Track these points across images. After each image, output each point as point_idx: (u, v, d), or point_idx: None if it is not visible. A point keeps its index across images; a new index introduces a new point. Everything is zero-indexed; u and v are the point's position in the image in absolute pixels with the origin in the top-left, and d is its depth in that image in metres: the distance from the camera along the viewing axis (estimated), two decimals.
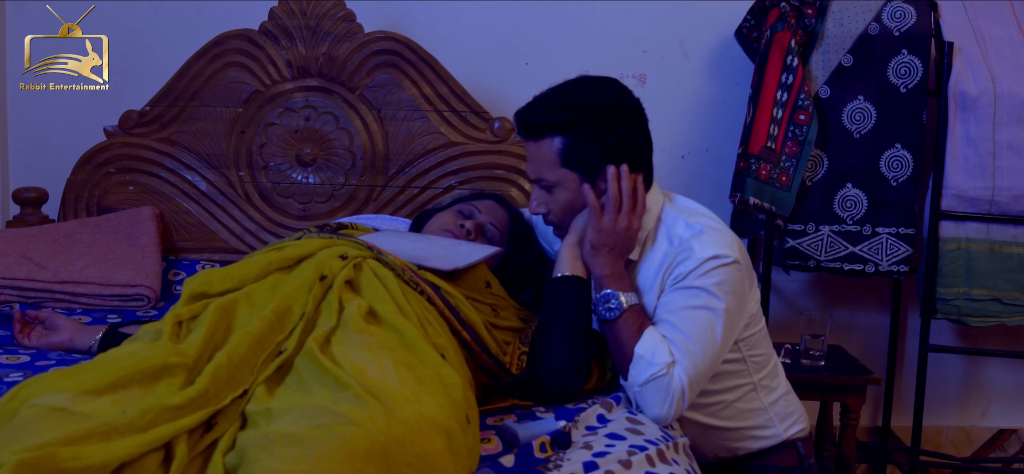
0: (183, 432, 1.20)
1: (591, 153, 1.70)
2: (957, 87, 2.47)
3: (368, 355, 1.36)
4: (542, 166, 1.74)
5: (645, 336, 1.63)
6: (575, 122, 1.69)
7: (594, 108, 1.68)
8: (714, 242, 1.67)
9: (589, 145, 1.69)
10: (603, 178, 1.71)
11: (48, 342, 1.87)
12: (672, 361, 1.62)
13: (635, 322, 1.65)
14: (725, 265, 1.65)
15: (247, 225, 2.62)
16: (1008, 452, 3.05)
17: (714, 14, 2.79)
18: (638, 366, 1.63)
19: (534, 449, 1.42)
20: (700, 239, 1.68)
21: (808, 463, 1.88)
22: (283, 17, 2.55)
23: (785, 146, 2.48)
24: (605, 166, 1.70)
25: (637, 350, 1.63)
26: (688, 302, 1.66)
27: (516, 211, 2.12)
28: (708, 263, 1.65)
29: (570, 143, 1.70)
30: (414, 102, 2.59)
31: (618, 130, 1.70)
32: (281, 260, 1.64)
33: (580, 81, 1.74)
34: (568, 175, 1.73)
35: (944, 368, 2.97)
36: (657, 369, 1.61)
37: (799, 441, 1.88)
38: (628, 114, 1.71)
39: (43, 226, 2.49)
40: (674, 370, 1.61)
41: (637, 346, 1.63)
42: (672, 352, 1.63)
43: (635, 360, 1.63)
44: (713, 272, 1.65)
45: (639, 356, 1.63)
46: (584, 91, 1.70)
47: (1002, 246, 2.52)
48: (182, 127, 2.59)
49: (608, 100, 1.69)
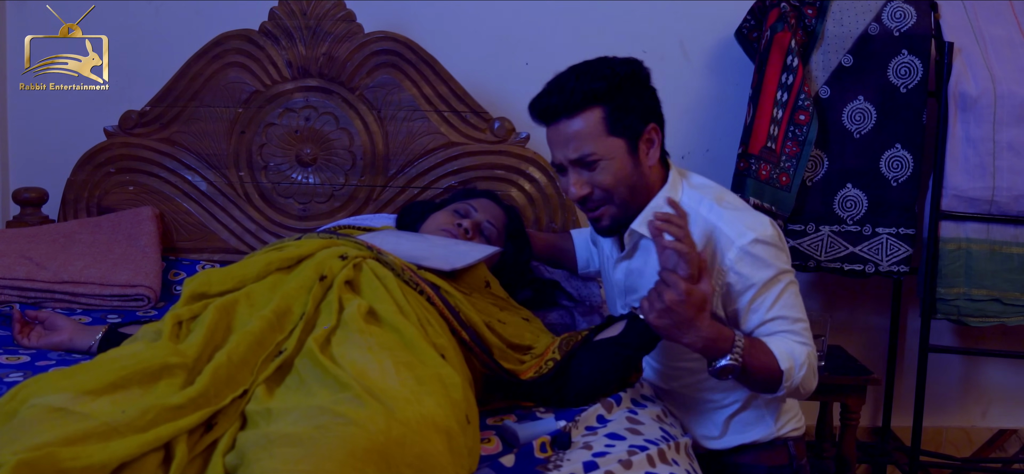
0: (183, 432, 1.20)
1: (633, 117, 1.71)
2: (957, 87, 2.47)
3: (368, 355, 1.36)
4: (585, 141, 1.70)
5: (776, 352, 1.65)
6: (614, 88, 1.69)
7: (627, 74, 1.71)
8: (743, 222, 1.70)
9: (631, 110, 1.71)
10: (644, 139, 1.73)
11: (48, 342, 1.87)
12: (807, 349, 1.68)
13: (757, 354, 1.65)
14: (765, 242, 1.68)
15: (247, 225, 2.61)
16: (1008, 452, 3.05)
17: (714, 14, 2.79)
18: (791, 377, 1.66)
19: (534, 449, 1.42)
20: (730, 223, 1.70)
21: (797, 464, 1.87)
22: (283, 17, 2.55)
23: (785, 146, 2.48)
24: (644, 128, 1.72)
25: (783, 366, 1.65)
26: (773, 294, 1.68)
27: (511, 208, 2.12)
28: (755, 246, 1.67)
29: (613, 110, 1.70)
30: (414, 102, 2.59)
31: (646, 93, 1.75)
32: (281, 260, 1.64)
33: (589, 61, 1.75)
34: (616, 143, 1.71)
35: (944, 368, 2.97)
36: (803, 362, 1.66)
37: (790, 441, 1.87)
38: (645, 78, 1.76)
39: (43, 226, 2.49)
40: (811, 354, 1.69)
41: (780, 363, 1.65)
42: (799, 341, 1.68)
43: (785, 375, 1.65)
44: (763, 254, 1.68)
45: (786, 370, 1.65)
46: (605, 64, 1.72)
47: (1002, 246, 2.52)
48: (182, 127, 2.59)
49: (630, 67, 1.73)
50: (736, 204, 1.77)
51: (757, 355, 1.63)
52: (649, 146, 1.74)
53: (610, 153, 1.71)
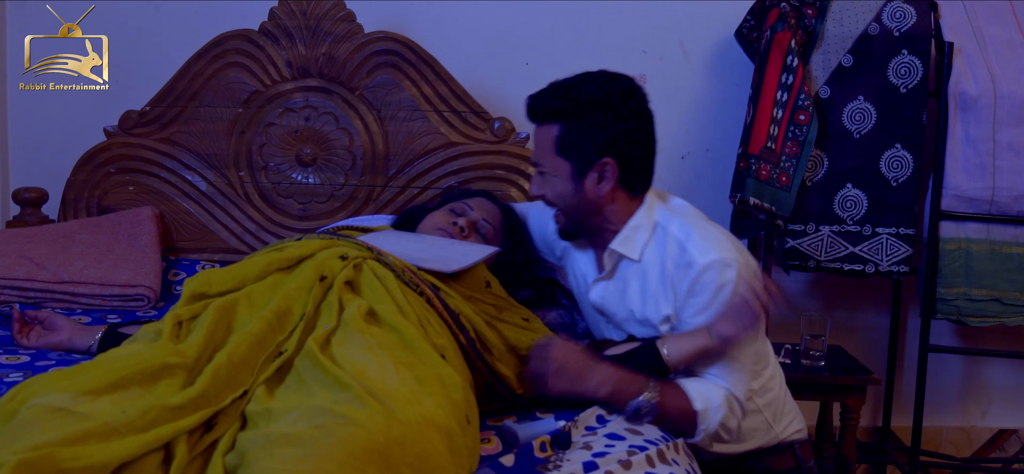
0: (183, 432, 1.20)
1: (586, 145, 1.71)
2: (957, 87, 2.47)
3: (368, 355, 1.36)
4: (538, 150, 1.79)
5: (691, 393, 1.64)
6: (573, 111, 1.70)
7: (594, 100, 1.69)
8: (709, 244, 1.68)
9: (584, 136, 1.70)
10: (595, 171, 1.71)
11: (46, 342, 1.87)
12: (726, 390, 1.65)
13: (673, 397, 1.63)
14: (728, 269, 1.65)
15: (247, 225, 2.61)
16: (1008, 452, 3.05)
17: (714, 14, 2.79)
18: (706, 420, 1.64)
19: (534, 449, 1.42)
20: (694, 241, 1.68)
21: (805, 466, 1.88)
22: (283, 17, 2.55)
23: (785, 146, 2.48)
24: (598, 160, 1.70)
25: (696, 407, 1.64)
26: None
27: (508, 206, 2.12)
28: (709, 271, 1.65)
29: (566, 132, 1.71)
30: (414, 102, 2.59)
31: (614, 126, 1.70)
32: (281, 261, 1.64)
33: (591, 73, 1.74)
34: (562, 164, 1.74)
35: (944, 368, 2.97)
36: (720, 404, 1.64)
37: (796, 444, 1.87)
38: (629, 112, 1.71)
39: (43, 226, 2.49)
40: (730, 396, 1.66)
41: (694, 404, 1.64)
42: (719, 383, 1.66)
43: (700, 417, 1.64)
44: (724, 288, 1.65)
45: (700, 412, 1.64)
46: (590, 83, 1.72)
47: (1002, 246, 2.52)
48: (182, 127, 2.59)
49: (609, 95, 1.70)
50: (710, 228, 1.74)
51: (671, 396, 1.62)
52: (600, 178, 1.73)
53: (554, 170, 1.76)
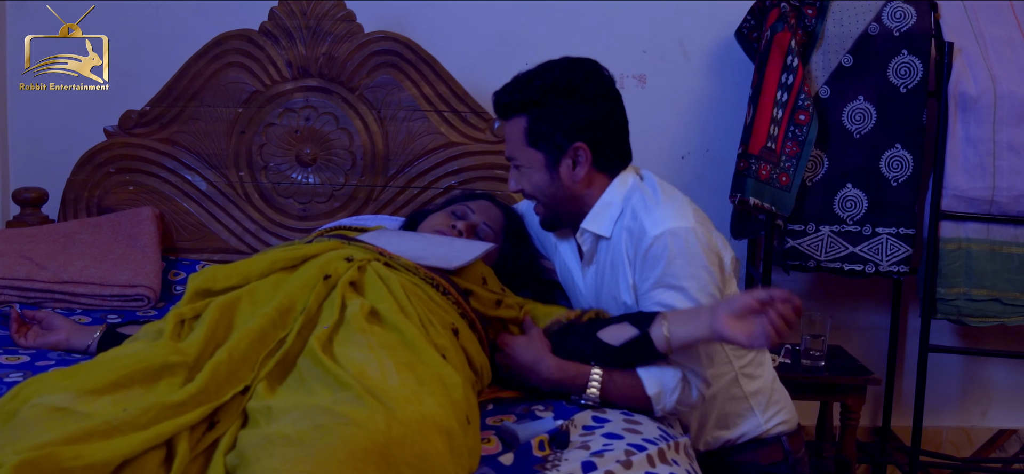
0: (184, 429, 1.20)
1: (555, 132, 1.71)
2: (957, 87, 2.47)
3: (369, 355, 1.36)
4: (510, 144, 1.79)
5: (644, 378, 1.63)
6: (538, 101, 1.70)
7: (557, 86, 1.70)
8: (664, 214, 1.66)
9: (552, 124, 1.71)
10: (568, 157, 1.72)
11: (44, 342, 1.87)
12: (681, 369, 1.64)
13: (621, 386, 1.63)
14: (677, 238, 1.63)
15: (247, 225, 2.61)
16: (1008, 452, 3.05)
17: (714, 14, 2.79)
18: (661, 401, 1.64)
19: (533, 448, 1.42)
20: (649, 212, 1.68)
21: (793, 458, 1.86)
22: (283, 17, 2.55)
23: (785, 146, 2.48)
24: (569, 145, 1.71)
25: (649, 392, 1.63)
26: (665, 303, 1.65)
27: (509, 208, 2.12)
28: (658, 242, 1.64)
29: (534, 122, 1.72)
30: (414, 102, 2.59)
31: (581, 109, 1.70)
32: (286, 259, 1.64)
33: (551, 61, 1.75)
34: (534, 155, 1.75)
35: (944, 368, 2.97)
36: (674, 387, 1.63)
37: (784, 436, 1.87)
38: (593, 93, 1.71)
39: (43, 226, 2.49)
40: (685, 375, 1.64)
41: (646, 389, 1.63)
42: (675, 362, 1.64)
43: (653, 400, 1.63)
44: (674, 260, 1.63)
45: (653, 396, 1.63)
46: (551, 70, 1.72)
47: (1002, 246, 2.52)
48: (182, 127, 2.59)
49: (570, 79, 1.70)
50: (672, 200, 1.72)
51: (619, 385, 1.62)
52: (574, 163, 1.73)
53: (528, 162, 1.76)
